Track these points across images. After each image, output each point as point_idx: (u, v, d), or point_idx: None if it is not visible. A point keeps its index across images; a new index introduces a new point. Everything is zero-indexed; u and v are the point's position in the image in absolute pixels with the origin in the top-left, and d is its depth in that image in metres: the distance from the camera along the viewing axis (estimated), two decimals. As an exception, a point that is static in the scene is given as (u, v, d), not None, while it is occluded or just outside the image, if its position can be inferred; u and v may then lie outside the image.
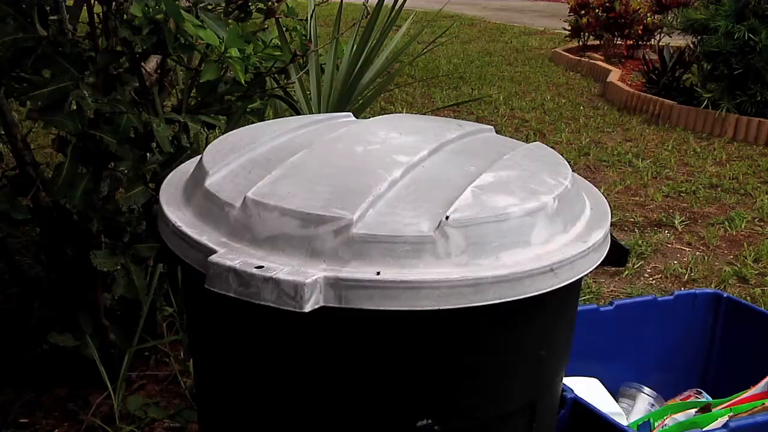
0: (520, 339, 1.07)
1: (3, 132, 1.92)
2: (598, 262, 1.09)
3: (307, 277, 0.91)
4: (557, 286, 1.00)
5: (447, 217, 0.97)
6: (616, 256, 1.17)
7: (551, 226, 1.04)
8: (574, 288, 1.15)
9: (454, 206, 0.99)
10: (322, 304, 0.93)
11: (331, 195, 1.01)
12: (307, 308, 0.91)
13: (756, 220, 3.76)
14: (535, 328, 1.08)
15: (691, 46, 5.85)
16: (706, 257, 3.29)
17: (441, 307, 0.94)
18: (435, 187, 1.06)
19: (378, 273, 0.93)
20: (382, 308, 0.93)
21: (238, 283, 0.94)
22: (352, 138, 1.23)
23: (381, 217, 0.98)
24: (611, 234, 1.16)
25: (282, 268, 0.93)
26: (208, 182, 1.08)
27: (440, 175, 1.10)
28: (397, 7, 2.63)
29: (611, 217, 1.16)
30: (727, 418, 1.63)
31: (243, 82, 1.86)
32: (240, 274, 0.94)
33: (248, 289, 0.94)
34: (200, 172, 1.12)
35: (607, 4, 7.63)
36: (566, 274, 1.02)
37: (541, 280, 0.99)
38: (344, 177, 1.07)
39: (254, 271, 0.93)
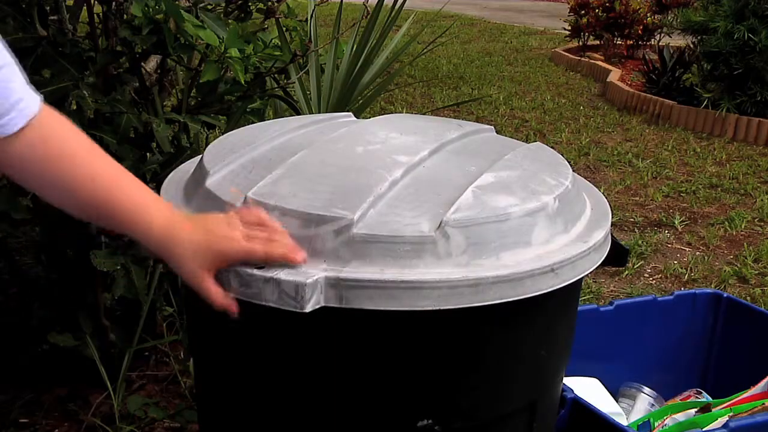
0: (520, 339, 1.07)
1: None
2: (599, 262, 1.09)
3: (308, 277, 0.91)
4: (558, 287, 1.00)
5: (447, 218, 0.97)
6: (617, 256, 1.17)
7: (552, 226, 1.04)
8: (575, 288, 1.15)
9: (455, 206, 0.99)
10: (323, 304, 0.93)
11: (331, 195, 1.01)
12: (308, 308, 0.91)
13: (756, 220, 3.76)
14: (535, 329, 1.08)
15: (691, 46, 5.85)
16: (706, 257, 3.29)
17: (442, 308, 0.94)
18: (435, 187, 1.05)
19: (379, 273, 0.93)
20: (382, 308, 0.93)
21: (238, 283, 0.94)
22: (353, 138, 1.23)
23: (381, 217, 0.97)
24: (611, 234, 1.16)
25: (283, 268, 0.93)
26: (209, 182, 1.08)
27: (441, 175, 1.10)
28: (397, 7, 2.63)
29: (611, 217, 1.16)
30: (727, 418, 1.63)
31: (243, 82, 1.86)
32: (240, 275, 0.94)
33: (249, 289, 0.94)
34: (201, 172, 1.12)
35: (607, 4, 7.62)
36: (567, 274, 1.02)
37: (542, 280, 0.99)
38: (344, 177, 1.06)
39: (255, 271, 0.93)
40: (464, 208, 0.99)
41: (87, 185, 0.97)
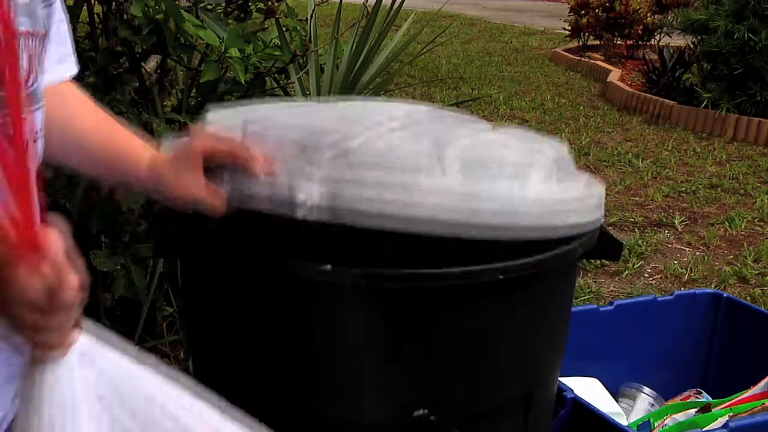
0: (512, 319, 1.07)
1: (3, 132, 1.92)
2: (589, 219, 1.10)
3: (304, 185, 0.95)
4: (550, 236, 1.01)
5: (446, 150, 0.98)
6: (610, 249, 1.18)
7: (547, 181, 1.05)
8: (569, 273, 1.15)
9: (454, 143, 1.01)
10: (316, 216, 0.94)
11: (329, 126, 1.03)
12: (300, 213, 0.94)
13: (756, 220, 3.76)
14: (527, 310, 1.08)
15: (691, 46, 5.85)
16: (706, 257, 3.29)
17: (435, 233, 0.94)
18: (434, 132, 1.07)
19: (375, 193, 0.95)
20: (375, 225, 0.94)
21: (230, 178, 0.98)
22: (350, 107, 1.27)
23: (380, 145, 0.99)
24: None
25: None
26: (207, 123, 1.12)
27: (439, 125, 1.12)
28: (396, 6, 2.63)
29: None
30: (727, 418, 1.63)
31: (243, 82, 1.86)
32: (234, 175, 0.98)
33: (242, 189, 0.97)
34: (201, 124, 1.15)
35: (607, 4, 7.62)
36: (560, 229, 1.03)
37: (536, 228, 1.00)
38: (343, 120, 1.09)
39: (250, 175, 0.97)
40: (464, 147, 1.01)
41: (92, 134, 1.05)
